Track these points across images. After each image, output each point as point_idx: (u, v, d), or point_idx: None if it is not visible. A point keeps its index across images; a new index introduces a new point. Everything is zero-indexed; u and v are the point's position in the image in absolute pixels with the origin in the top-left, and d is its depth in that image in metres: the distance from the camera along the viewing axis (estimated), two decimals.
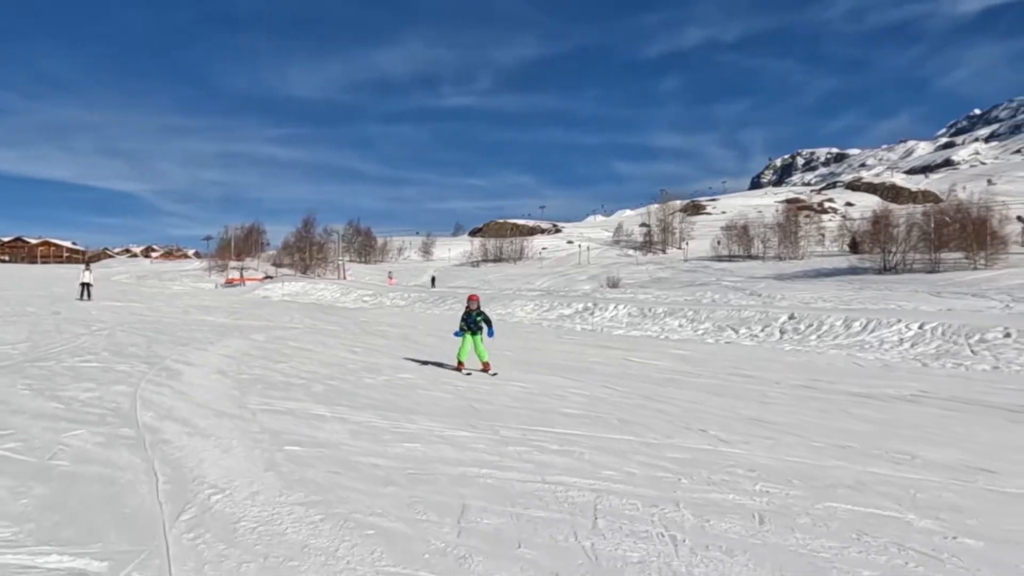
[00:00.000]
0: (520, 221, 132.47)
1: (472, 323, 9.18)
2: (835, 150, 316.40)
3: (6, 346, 9.79)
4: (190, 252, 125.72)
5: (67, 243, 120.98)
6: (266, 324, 16.62)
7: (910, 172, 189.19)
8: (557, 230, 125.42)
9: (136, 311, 19.19)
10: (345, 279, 50.18)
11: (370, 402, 6.59)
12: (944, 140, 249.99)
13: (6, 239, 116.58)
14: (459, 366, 9.06)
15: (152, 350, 10.11)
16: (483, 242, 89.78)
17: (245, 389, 7.05)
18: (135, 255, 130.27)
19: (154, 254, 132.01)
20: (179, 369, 8.32)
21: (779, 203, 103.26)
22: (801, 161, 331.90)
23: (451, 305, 25.85)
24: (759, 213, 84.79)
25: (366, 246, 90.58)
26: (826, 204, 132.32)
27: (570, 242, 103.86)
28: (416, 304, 28.56)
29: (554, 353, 12.41)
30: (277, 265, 65.11)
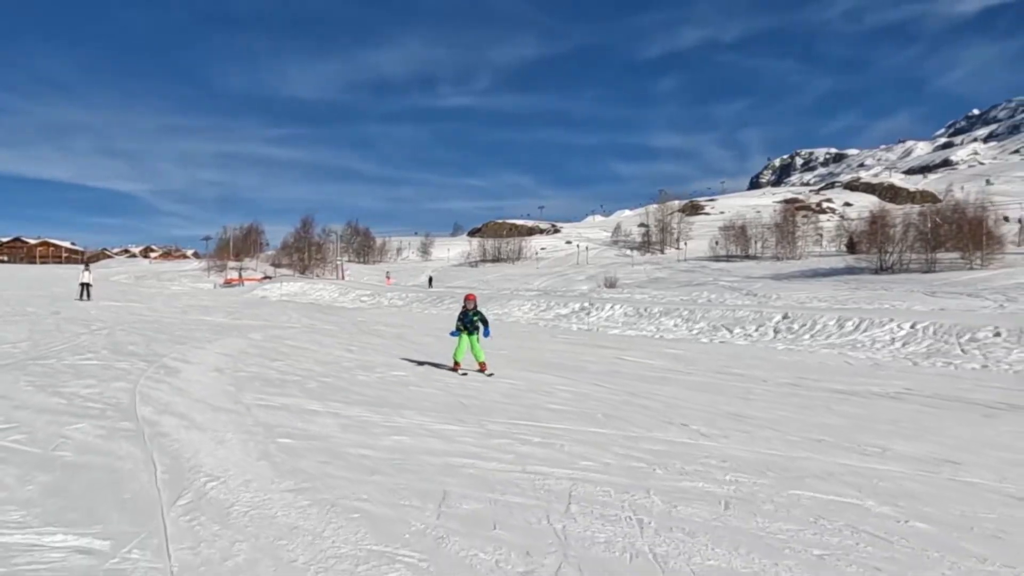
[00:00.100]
0: (519, 221, 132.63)
1: (468, 323, 9.09)
2: (834, 150, 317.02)
3: (7, 345, 9.99)
4: (189, 252, 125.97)
5: (66, 243, 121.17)
6: (264, 324, 16.82)
7: (909, 172, 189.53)
8: (556, 230, 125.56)
9: (135, 311, 19.38)
10: (343, 279, 50.37)
11: (362, 398, 6.79)
12: (943, 140, 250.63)
13: (5, 239, 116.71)
14: (455, 366, 9.02)
15: (151, 348, 10.30)
16: (481, 242, 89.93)
17: (241, 386, 7.26)
18: (134, 255, 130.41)
19: (153, 254, 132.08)
20: (177, 367, 8.52)
21: (777, 203, 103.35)
22: (800, 161, 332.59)
23: (448, 305, 26.02)
24: (757, 213, 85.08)
25: (365, 246, 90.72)
26: (824, 204, 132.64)
27: (568, 242, 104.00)
28: (414, 304, 28.74)
29: (548, 352, 12.57)
30: (276, 265, 65.28)
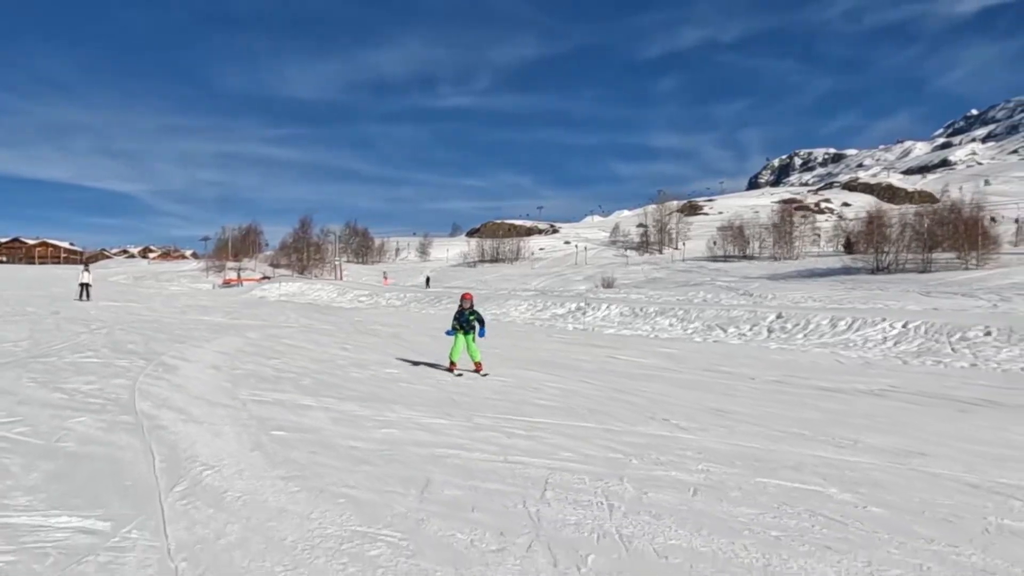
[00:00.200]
0: (518, 222, 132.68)
1: (465, 322, 9.05)
2: (833, 150, 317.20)
3: (9, 344, 10.19)
4: (187, 253, 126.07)
5: (65, 244, 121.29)
6: (261, 323, 17.01)
7: (907, 172, 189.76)
8: (554, 230, 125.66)
9: (134, 311, 19.58)
10: (342, 280, 50.57)
11: (355, 394, 7.00)
12: (941, 140, 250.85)
13: (4, 240, 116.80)
14: (451, 366, 9.01)
15: (150, 347, 10.51)
16: (480, 242, 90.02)
17: (237, 382, 7.47)
18: (132, 256, 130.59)
19: (151, 255, 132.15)
20: (175, 364, 8.73)
21: (776, 203, 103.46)
22: (799, 161, 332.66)
23: (446, 305, 26.21)
24: (756, 213, 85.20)
25: (363, 247, 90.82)
26: (823, 204, 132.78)
27: (567, 242, 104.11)
28: (411, 304, 28.94)
29: (542, 351, 12.74)
30: (274, 265, 65.48)
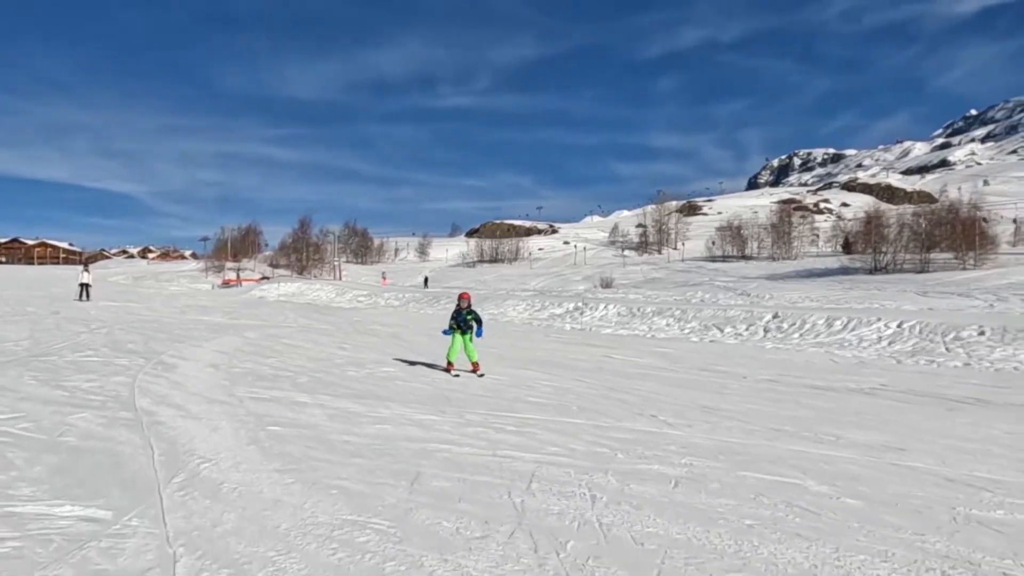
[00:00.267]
0: (517, 222, 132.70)
1: (462, 321, 9.03)
2: (832, 150, 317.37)
3: (10, 343, 10.33)
4: (187, 253, 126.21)
5: (64, 244, 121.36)
6: (260, 323, 17.14)
7: (907, 172, 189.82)
8: (554, 231, 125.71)
9: (134, 311, 19.71)
10: (341, 280, 50.70)
11: (350, 391, 7.14)
12: (940, 140, 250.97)
13: (3, 240, 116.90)
14: (448, 366, 8.96)
15: (149, 346, 10.64)
16: (479, 243, 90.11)
17: (235, 380, 7.60)
18: (132, 256, 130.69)
19: (151, 255, 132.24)
20: (174, 363, 8.86)
21: (775, 204, 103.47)
22: (798, 161, 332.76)
23: (444, 305, 26.34)
24: (755, 214, 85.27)
25: (363, 247, 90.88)
26: (822, 204, 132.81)
27: (566, 243, 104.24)
28: (410, 304, 29.07)
29: (538, 351, 12.84)
30: (274, 266, 65.59)
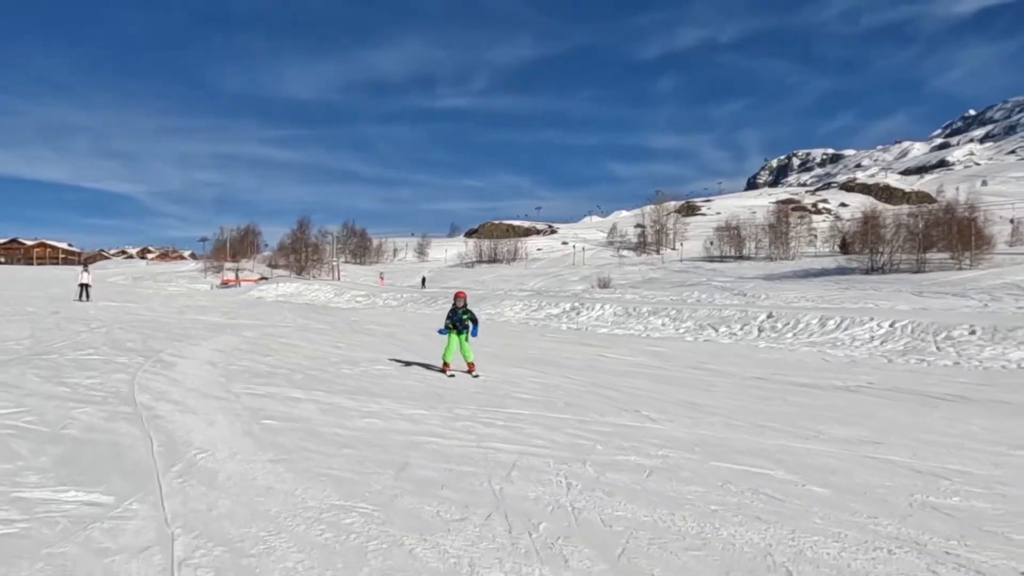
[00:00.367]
0: (516, 222, 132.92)
1: (458, 321, 8.94)
2: (831, 151, 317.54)
3: (11, 342, 10.53)
4: (186, 253, 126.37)
5: (63, 244, 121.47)
6: (258, 323, 17.34)
7: (905, 173, 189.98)
8: (552, 231, 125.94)
9: (133, 311, 19.90)
10: (339, 280, 50.89)
11: (344, 388, 7.34)
12: (939, 141, 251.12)
13: (2, 241, 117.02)
14: (444, 367, 8.89)
15: (148, 345, 10.84)
16: (478, 243, 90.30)
17: (232, 377, 7.81)
18: (131, 256, 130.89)
19: (150, 255, 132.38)
20: (173, 361, 9.07)
21: (774, 204, 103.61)
22: (797, 162, 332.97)
23: (441, 305, 26.53)
24: (753, 214, 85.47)
25: (361, 247, 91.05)
26: (820, 205, 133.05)
27: (565, 243, 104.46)
28: (408, 304, 29.27)
29: (532, 350, 12.99)
30: (272, 266, 65.81)
